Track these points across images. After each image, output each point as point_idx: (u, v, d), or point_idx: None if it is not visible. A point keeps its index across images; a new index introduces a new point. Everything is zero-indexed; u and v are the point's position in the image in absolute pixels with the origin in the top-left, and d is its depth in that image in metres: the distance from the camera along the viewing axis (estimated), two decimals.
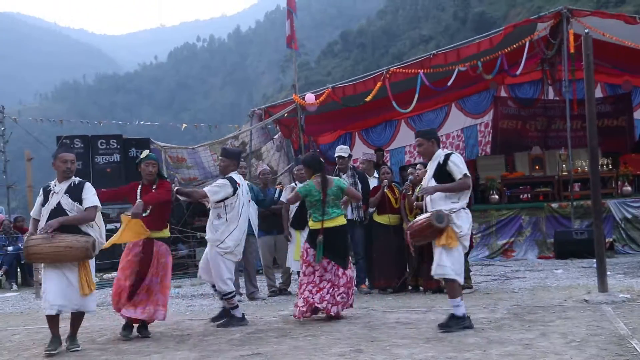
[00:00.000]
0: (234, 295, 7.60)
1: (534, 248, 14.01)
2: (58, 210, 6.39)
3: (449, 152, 6.84)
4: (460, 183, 6.60)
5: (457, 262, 6.60)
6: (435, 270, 6.71)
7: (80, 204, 6.45)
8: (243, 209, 7.59)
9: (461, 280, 6.67)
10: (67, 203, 6.42)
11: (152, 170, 7.23)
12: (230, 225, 7.44)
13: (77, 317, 6.55)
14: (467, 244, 6.77)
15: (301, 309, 7.51)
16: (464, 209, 6.66)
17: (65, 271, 6.32)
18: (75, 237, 6.30)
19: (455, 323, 6.49)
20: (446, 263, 6.58)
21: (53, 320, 6.42)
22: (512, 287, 9.63)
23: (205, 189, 7.49)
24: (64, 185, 6.51)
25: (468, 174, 6.64)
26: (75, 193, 6.47)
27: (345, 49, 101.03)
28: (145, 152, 7.38)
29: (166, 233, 7.35)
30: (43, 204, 6.52)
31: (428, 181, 6.84)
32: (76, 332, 6.56)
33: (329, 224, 7.66)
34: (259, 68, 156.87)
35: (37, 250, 6.21)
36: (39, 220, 6.58)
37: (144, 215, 6.99)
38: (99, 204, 6.57)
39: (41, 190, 6.66)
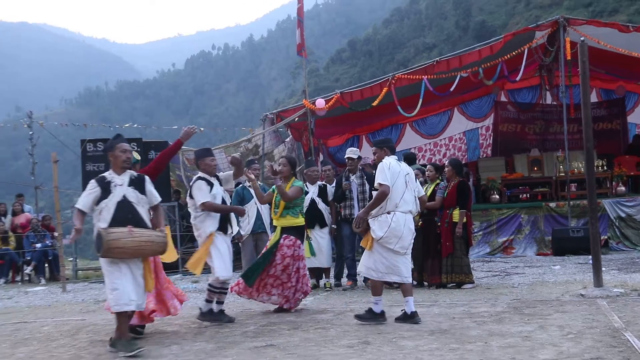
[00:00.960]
0: None
1: (533, 245, 13.99)
2: (124, 203, 5.94)
3: (386, 160, 6.87)
4: (376, 194, 6.75)
5: (377, 263, 6.74)
6: (359, 268, 7.09)
7: (145, 196, 6.15)
8: None
9: (379, 278, 6.77)
10: (133, 195, 6.02)
11: None
12: None
13: (130, 317, 6.13)
14: (392, 246, 6.69)
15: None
16: (387, 213, 6.70)
17: (133, 268, 5.94)
18: (154, 232, 6.01)
19: (371, 317, 6.72)
20: (364, 263, 6.86)
21: (126, 319, 6.00)
22: (512, 283, 9.62)
23: None
24: (126, 178, 6.09)
25: (383, 182, 6.66)
26: (139, 185, 6.13)
27: (353, 56, 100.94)
28: (136, 155, 6.98)
29: None
30: (103, 197, 5.93)
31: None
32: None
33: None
34: (270, 74, 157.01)
35: (119, 245, 5.72)
36: (85, 213, 6.01)
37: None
38: None
39: (95, 182, 6.03)
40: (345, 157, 10.33)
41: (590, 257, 8.73)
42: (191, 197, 7.33)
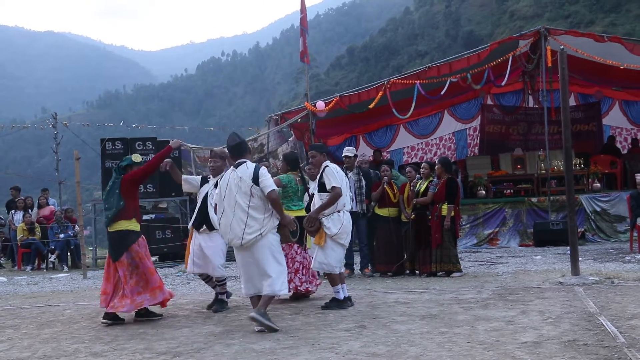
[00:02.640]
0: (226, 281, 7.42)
1: (516, 237, 13.98)
2: None
3: (328, 164, 6.96)
4: (331, 196, 6.80)
5: (330, 257, 6.84)
6: (313, 265, 7.05)
7: None
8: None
9: (338, 270, 6.89)
10: None
11: None
12: None
13: None
14: (343, 241, 6.87)
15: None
16: (338, 212, 6.85)
17: None
18: None
19: (336, 304, 6.78)
20: (319, 259, 6.89)
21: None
22: (497, 271, 9.61)
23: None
24: None
25: (337, 185, 6.78)
26: None
27: (351, 62, 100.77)
28: (138, 157, 6.85)
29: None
30: None
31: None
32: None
33: (299, 213, 7.68)
34: (275, 79, 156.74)
35: None
36: None
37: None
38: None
39: (266, 169, 6.15)
40: (343, 155, 10.30)
41: (568, 247, 8.73)
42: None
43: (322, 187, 6.90)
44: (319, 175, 6.98)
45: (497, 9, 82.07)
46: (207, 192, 7.22)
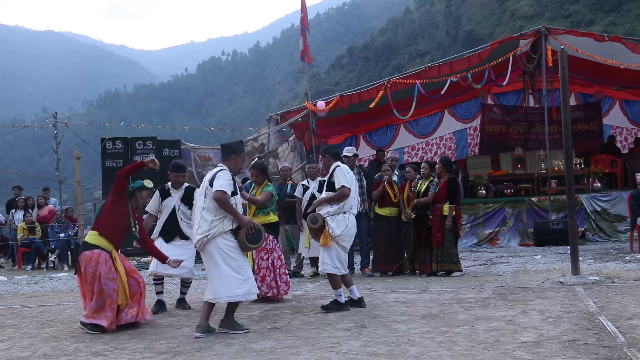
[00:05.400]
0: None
1: (516, 236, 13.99)
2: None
3: (339, 164, 6.96)
4: (337, 193, 6.74)
5: (334, 259, 6.73)
6: (320, 267, 6.90)
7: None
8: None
9: (341, 272, 6.76)
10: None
11: (149, 200, 6.95)
12: None
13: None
14: (345, 244, 6.79)
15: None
16: (344, 213, 6.77)
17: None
18: None
19: (337, 307, 6.67)
20: (325, 260, 6.77)
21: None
22: (497, 271, 9.61)
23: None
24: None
25: (346, 184, 6.72)
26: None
27: (352, 62, 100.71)
28: (150, 183, 6.58)
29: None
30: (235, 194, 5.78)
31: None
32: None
33: (274, 218, 7.94)
34: (275, 78, 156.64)
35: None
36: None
37: None
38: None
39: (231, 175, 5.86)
40: (342, 155, 10.28)
41: (569, 247, 8.73)
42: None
43: (331, 187, 6.83)
44: (328, 175, 6.93)
45: (497, 9, 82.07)
46: (176, 205, 7.23)
